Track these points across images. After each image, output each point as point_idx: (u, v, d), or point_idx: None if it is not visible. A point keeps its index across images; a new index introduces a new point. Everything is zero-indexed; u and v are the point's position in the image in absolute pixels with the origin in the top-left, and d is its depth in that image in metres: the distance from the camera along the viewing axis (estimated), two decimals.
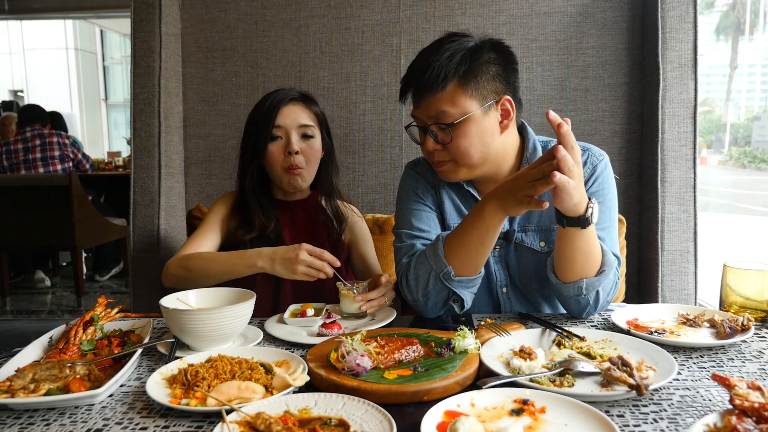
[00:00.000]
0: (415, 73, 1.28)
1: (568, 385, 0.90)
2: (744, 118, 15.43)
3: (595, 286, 1.20)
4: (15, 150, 4.68)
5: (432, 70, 1.23)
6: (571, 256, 1.19)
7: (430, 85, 1.24)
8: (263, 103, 1.54)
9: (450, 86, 1.24)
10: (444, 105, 1.24)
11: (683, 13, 1.92)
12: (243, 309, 1.12)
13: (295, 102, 1.55)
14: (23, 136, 4.72)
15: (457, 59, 1.23)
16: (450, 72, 1.23)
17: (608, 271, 1.21)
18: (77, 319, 1.18)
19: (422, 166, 1.46)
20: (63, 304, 4.56)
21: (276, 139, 1.52)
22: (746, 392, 0.77)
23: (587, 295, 1.21)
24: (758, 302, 1.20)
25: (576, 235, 1.15)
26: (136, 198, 2.05)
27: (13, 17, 8.95)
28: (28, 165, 4.68)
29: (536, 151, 1.36)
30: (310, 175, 1.57)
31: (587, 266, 1.19)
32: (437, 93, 1.24)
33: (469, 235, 1.22)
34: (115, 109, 13.21)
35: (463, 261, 1.24)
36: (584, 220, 1.12)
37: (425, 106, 1.27)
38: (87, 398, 0.89)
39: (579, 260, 1.18)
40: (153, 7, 2.01)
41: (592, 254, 1.18)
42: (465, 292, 1.28)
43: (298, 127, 1.53)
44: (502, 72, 1.28)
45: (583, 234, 1.14)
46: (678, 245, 1.96)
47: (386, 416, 0.79)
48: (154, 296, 2.01)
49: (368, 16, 2.13)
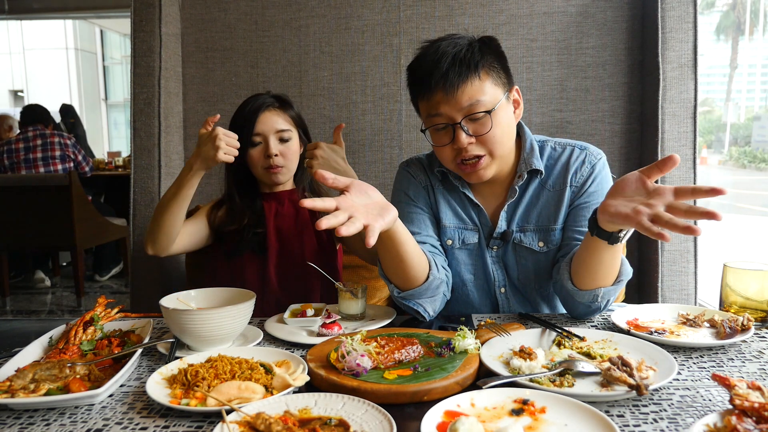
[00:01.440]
0: (438, 67, 1.22)
1: (568, 385, 0.90)
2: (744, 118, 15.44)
3: (610, 294, 1.21)
4: (16, 149, 4.67)
5: (460, 61, 1.21)
6: (595, 267, 1.17)
7: (461, 75, 1.20)
8: (242, 110, 1.61)
9: (482, 73, 1.22)
10: (478, 94, 1.22)
11: (683, 13, 1.92)
12: (243, 309, 1.12)
13: (271, 108, 1.61)
14: (25, 135, 4.71)
15: (476, 49, 1.23)
16: (478, 60, 1.22)
17: (624, 280, 1.21)
18: (77, 319, 1.18)
19: (415, 166, 1.45)
20: (63, 304, 4.56)
21: (256, 144, 1.60)
22: (746, 392, 0.77)
23: (600, 302, 1.21)
24: (758, 302, 1.20)
25: (602, 247, 1.13)
26: (136, 198, 2.05)
27: (13, 17, 8.95)
28: (29, 164, 4.68)
29: (533, 150, 1.35)
30: (290, 171, 1.65)
31: (607, 277, 1.19)
32: (470, 82, 1.21)
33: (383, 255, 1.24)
34: (115, 109, 13.21)
35: (396, 277, 1.26)
36: (616, 237, 1.09)
37: (456, 98, 1.21)
38: (87, 398, 0.89)
39: (601, 271, 1.18)
40: (153, 7, 2.01)
41: (614, 266, 1.18)
42: (421, 302, 1.28)
43: (275, 133, 1.60)
44: (504, 66, 1.30)
45: (610, 248, 1.13)
46: (678, 245, 1.96)
47: (386, 416, 0.79)
48: (154, 296, 2.00)
49: (368, 16, 2.13)
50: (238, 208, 1.64)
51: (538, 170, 1.34)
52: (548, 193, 1.36)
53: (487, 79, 1.24)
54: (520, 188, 1.35)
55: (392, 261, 1.22)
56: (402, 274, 1.24)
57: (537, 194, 1.36)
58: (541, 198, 1.36)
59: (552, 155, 1.37)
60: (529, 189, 1.36)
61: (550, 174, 1.36)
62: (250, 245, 1.63)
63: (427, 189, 1.42)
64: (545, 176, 1.36)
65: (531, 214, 1.36)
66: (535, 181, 1.36)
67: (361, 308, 1.31)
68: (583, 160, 1.34)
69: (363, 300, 1.31)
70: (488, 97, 1.23)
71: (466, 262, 1.41)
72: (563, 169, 1.35)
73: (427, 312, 1.29)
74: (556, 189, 1.35)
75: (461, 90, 1.21)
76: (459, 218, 1.40)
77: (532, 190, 1.36)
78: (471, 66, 1.21)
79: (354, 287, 1.30)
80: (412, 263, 1.22)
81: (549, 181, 1.36)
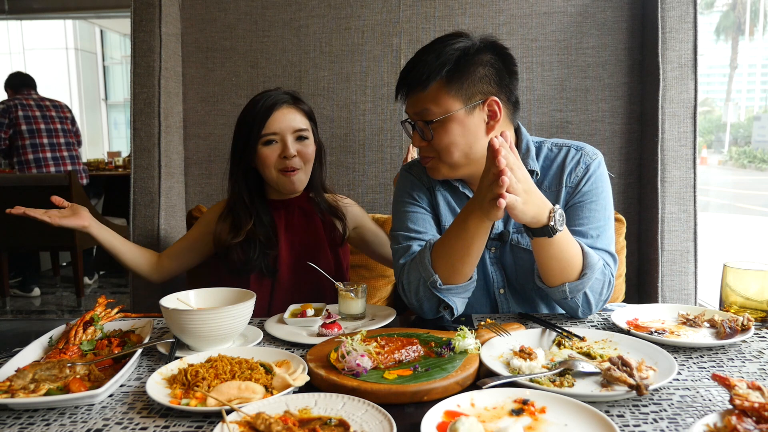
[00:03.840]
0: (405, 71, 1.31)
1: (568, 385, 0.90)
2: (744, 118, 15.45)
3: (578, 289, 1.21)
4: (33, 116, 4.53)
5: (418, 70, 1.26)
6: (546, 263, 1.20)
7: (414, 83, 1.28)
8: (254, 107, 1.51)
9: (433, 86, 1.26)
10: (427, 103, 1.27)
11: (683, 13, 1.92)
12: (243, 309, 1.12)
13: (287, 105, 1.52)
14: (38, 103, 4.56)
15: (442, 59, 1.25)
16: (433, 72, 1.25)
17: (590, 273, 1.20)
18: (77, 319, 1.18)
19: (417, 168, 1.46)
20: (63, 304, 4.56)
21: (270, 143, 1.50)
22: (746, 392, 0.77)
23: (573, 298, 1.22)
24: (758, 302, 1.20)
25: (546, 243, 1.15)
26: (136, 198, 2.05)
27: (13, 17, 8.94)
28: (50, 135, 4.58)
29: (529, 151, 1.36)
30: (306, 175, 1.56)
31: (566, 271, 1.20)
32: (421, 91, 1.27)
33: (454, 243, 1.22)
34: (115, 109, 13.21)
35: (450, 269, 1.25)
36: (549, 229, 1.12)
37: (411, 102, 1.31)
38: (87, 398, 0.89)
39: (555, 267, 1.19)
40: (153, 7, 2.01)
41: (568, 260, 1.19)
42: (455, 299, 1.28)
43: (293, 132, 1.51)
44: (495, 74, 1.28)
45: (554, 242, 1.15)
46: (678, 245, 1.96)
47: (386, 416, 0.79)
48: (154, 296, 2.01)
49: (368, 16, 2.13)
50: (244, 216, 1.54)
51: (532, 171, 1.34)
52: (545, 194, 1.35)
53: (442, 89, 1.25)
54: None
55: (461, 252, 1.21)
56: (459, 267, 1.23)
57: None
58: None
59: (548, 156, 1.38)
60: None
61: (546, 175, 1.37)
62: (257, 266, 1.52)
63: (429, 190, 1.43)
64: (541, 177, 1.36)
65: None
66: None
67: (361, 308, 1.31)
68: (578, 161, 1.34)
69: (363, 300, 1.31)
70: (439, 108, 1.26)
71: None
72: (559, 169, 1.36)
73: (456, 308, 1.29)
74: (552, 190, 1.36)
75: (413, 95, 1.30)
76: None
77: None
78: (423, 76, 1.25)
79: (354, 287, 1.30)
80: (473, 261, 1.23)
81: (545, 182, 1.36)
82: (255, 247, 1.52)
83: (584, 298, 1.23)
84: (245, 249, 1.52)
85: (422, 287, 1.27)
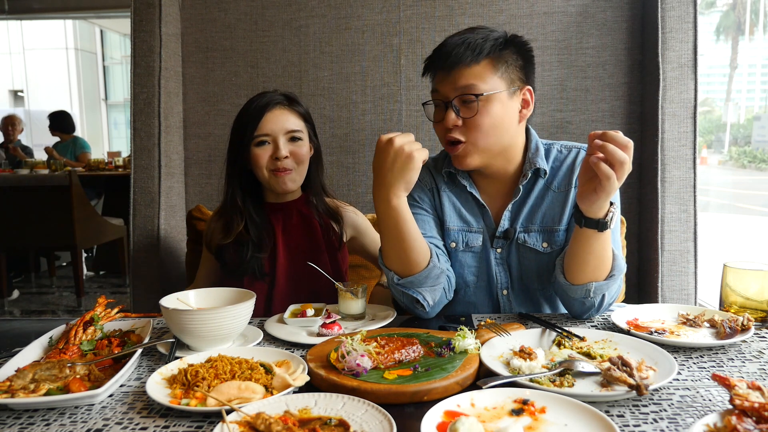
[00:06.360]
0: (447, 48, 1.27)
1: (568, 385, 0.90)
2: (744, 118, 15.46)
3: (603, 289, 1.21)
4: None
5: (468, 45, 1.25)
6: (584, 258, 1.19)
7: (463, 57, 1.25)
8: (248, 108, 1.51)
9: (484, 61, 1.26)
10: (474, 78, 1.25)
11: (683, 13, 1.92)
12: (243, 309, 1.12)
13: (281, 106, 1.52)
14: None
15: (491, 40, 1.27)
16: (486, 49, 1.25)
17: (618, 276, 1.21)
18: (77, 319, 1.18)
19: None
20: (63, 304, 4.56)
21: (263, 144, 1.49)
22: (746, 392, 0.77)
23: (593, 298, 1.22)
24: (758, 302, 1.20)
25: (592, 237, 1.16)
26: (136, 198, 2.05)
27: (13, 17, 8.95)
28: None
29: (538, 151, 1.36)
30: (300, 176, 1.55)
31: (598, 269, 1.20)
32: (470, 65, 1.25)
33: (387, 235, 1.26)
34: (115, 109, 13.22)
35: (398, 261, 1.27)
36: (603, 223, 1.13)
37: (453, 78, 1.26)
38: (87, 398, 0.89)
39: (591, 263, 1.19)
40: (153, 7, 2.01)
41: (603, 259, 1.19)
42: (421, 291, 1.29)
43: (285, 133, 1.50)
44: (525, 66, 1.31)
45: (600, 237, 1.15)
46: (678, 245, 1.96)
47: (386, 416, 0.79)
48: (154, 296, 2.01)
49: (368, 16, 2.13)
50: (235, 218, 1.52)
51: (541, 169, 1.34)
52: (553, 195, 1.37)
53: (490, 68, 1.26)
54: (524, 188, 1.36)
55: (394, 241, 1.24)
56: (403, 257, 1.25)
57: (542, 195, 1.37)
58: (546, 199, 1.37)
59: (558, 157, 1.39)
60: (534, 190, 1.37)
61: (555, 175, 1.38)
62: (250, 268, 1.51)
63: (432, 191, 1.43)
64: (551, 178, 1.37)
65: (536, 214, 1.37)
66: (540, 182, 1.37)
67: (361, 308, 1.31)
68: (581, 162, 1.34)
69: (363, 300, 1.31)
70: (485, 85, 1.25)
71: (470, 265, 1.41)
72: (569, 170, 1.37)
73: (426, 301, 1.29)
74: (561, 190, 1.36)
75: (459, 70, 1.26)
76: (463, 220, 1.41)
77: (537, 191, 1.37)
78: (476, 51, 1.25)
79: (354, 287, 1.30)
80: (413, 245, 1.25)
81: (554, 183, 1.37)
82: (247, 249, 1.52)
83: (600, 300, 1.23)
84: (237, 250, 1.52)
85: (392, 287, 1.31)
